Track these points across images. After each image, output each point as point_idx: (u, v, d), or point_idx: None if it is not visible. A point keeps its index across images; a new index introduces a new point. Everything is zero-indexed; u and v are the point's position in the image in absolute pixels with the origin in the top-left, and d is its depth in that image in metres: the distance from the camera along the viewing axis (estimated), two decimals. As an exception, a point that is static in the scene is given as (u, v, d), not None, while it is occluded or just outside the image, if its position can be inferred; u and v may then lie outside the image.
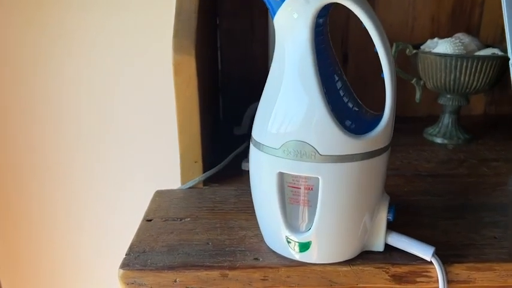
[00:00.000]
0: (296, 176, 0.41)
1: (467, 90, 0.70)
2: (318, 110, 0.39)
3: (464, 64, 0.67)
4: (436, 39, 0.73)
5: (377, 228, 0.45)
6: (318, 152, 0.39)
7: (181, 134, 0.58)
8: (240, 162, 0.66)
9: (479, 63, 0.66)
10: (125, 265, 0.45)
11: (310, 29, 0.39)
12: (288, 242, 0.44)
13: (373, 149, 0.41)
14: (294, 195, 0.42)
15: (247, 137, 0.74)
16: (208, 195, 0.58)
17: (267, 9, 0.41)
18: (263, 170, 0.43)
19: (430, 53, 0.69)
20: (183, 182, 0.60)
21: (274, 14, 0.40)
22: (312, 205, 0.42)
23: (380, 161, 0.42)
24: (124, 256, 0.46)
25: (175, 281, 0.44)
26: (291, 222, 0.43)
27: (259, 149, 0.43)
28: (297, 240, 0.43)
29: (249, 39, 0.84)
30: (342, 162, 0.40)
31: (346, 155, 0.39)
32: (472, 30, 0.84)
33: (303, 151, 0.40)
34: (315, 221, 0.42)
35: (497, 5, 0.82)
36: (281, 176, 0.42)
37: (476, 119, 0.87)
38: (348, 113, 0.41)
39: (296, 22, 0.39)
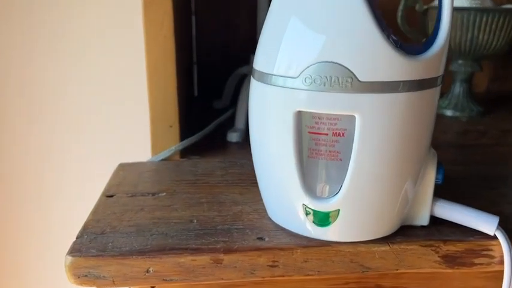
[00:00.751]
0: (321, 117, 0.30)
1: (485, 51, 0.61)
2: (359, 17, 0.27)
3: (484, 19, 0.57)
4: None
5: (423, 194, 0.33)
6: (357, 78, 0.28)
7: (151, 90, 0.45)
8: (224, 133, 0.54)
9: (502, 18, 0.57)
10: (76, 250, 0.32)
11: None
12: (307, 213, 0.32)
13: (430, 76, 0.29)
14: (316, 145, 0.30)
15: (231, 106, 0.62)
16: (188, 168, 0.46)
17: None
18: (273, 112, 0.31)
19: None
20: (154, 153, 0.47)
21: None
22: (342, 158, 0.30)
23: (436, 95, 0.31)
24: (74, 240, 0.33)
25: (147, 271, 0.31)
26: (310, 185, 0.31)
27: (267, 83, 0.31)
28: (319, 210, 0.31)
29: (230, 4, 0.73)
30: (390, 93, 0.28)
31: (396, 82, 0.28)
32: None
33: (334, 77, 0.28)
34: (345, 182, 0.30)
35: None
36: (299, 118, 0.30)
37: (480, 96, 0.79)
38: (388, 29, 0.30)
39: None
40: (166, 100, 0.46)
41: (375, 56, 0.28)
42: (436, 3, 0.64)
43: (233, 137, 0.53)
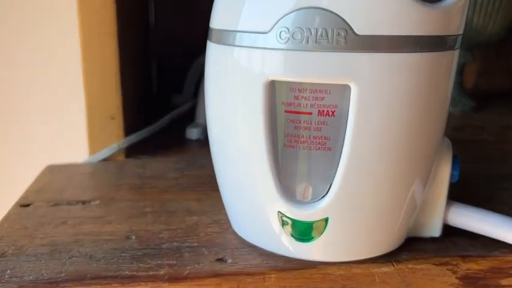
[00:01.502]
0: (302, 89, 0.21)
1: (479, 37, 0.54)
2: None
3: (480, 0, 0.51)
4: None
5: (435, 196, 0.25)
6: (353, 30, 0.20)
7: (87, 72, 0.36)
8: (183, 130, 0.45)
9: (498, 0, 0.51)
10: (-47, 283, 0.22)
11: None
12: (283, 224, 0.23)
13: (451, 33, 0.22)
14: (296, 129, 0.22)
15: (192, 99, 0.53)
16: (134, 169, 0.37)
17: None
18: (235, 84, 0.22)
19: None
20: (92, 152, 0.38)
21: None
22: (332, 147, 0.22)
23: (455, 62, 0.23)
24: (-41, 267, 0.24)
25: (60, 311, 0.22)
26: (288, 185, 0.23)
27: (227, 44, 0.22)
28: (299, 219, 0.23)
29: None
30: (400, 52, 0.20)
31: (408, 37, 0.20)
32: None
33: (320, 30, 0.20)
34: (335, 180, 0.22)
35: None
36: (271, 91, 0.21)
37: (469, 92, 0.73)
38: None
39: None
40: (105, 83, 0.36)
41: (381, 2, 0.19)
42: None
43: (193, 133, 0.44)
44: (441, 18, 0.21)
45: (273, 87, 0.21)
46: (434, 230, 0.26)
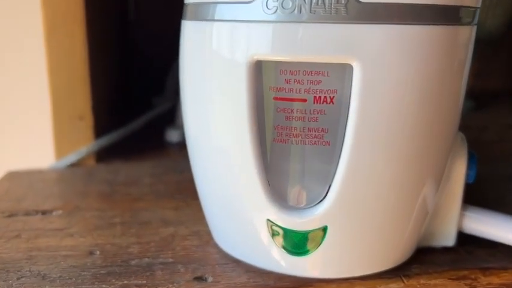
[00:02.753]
0: (294, 71, 0.18)
1: (478, 32, 0.51)
2: None
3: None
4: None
5: (449, 199, 0.22)
6: (354, -5, 0.16)
7: (52, 68, 0.32)
8: (161, 133, 0.41)
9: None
10: None
11: None
12: (273, 235, 0.20)
13: (470, 4, 0.18)
14: (287, 120, 0.18)
15: (172, 100, 0.49)
16: (104, 175, 0.33)
17: None
18: (215, 66, 0.19)
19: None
20: (59, 156, 0.34)
21: None
22: (331, 141, 0.18)
23: (472, 39, 0.20)
24: None
25: None
26: (278, 188, 0.19)
27: (205, 19, 0.19)
28: (292, 228, 0.19)
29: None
30: (412, 24, 0.17)
31: (423, 5, 0.17)
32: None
33: (316, -3, 0.16)
34: (335, 181, 0.18)
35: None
36: (258, 74, 0.18)
37: (466, 93, 0.70)
38: None
39: None
40: (72, 79, 0.33)
41: (386, -44, 0.16)
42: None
43: (173, 135, 0.40)
44: (459, -15, 0.17)
45: (259, 70, 0.18)
46: (448, 238, 0.23)
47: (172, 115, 0.42)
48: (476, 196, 0.29)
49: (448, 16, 0.17)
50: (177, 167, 0.34)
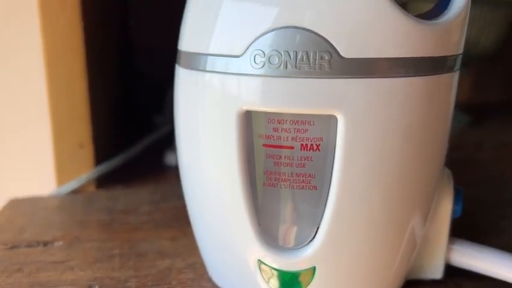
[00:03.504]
0: (282, 120, 0.18)
1: (471, 51, 0.52)
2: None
3: (471, 13, 0.48)
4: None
5: (435, 234, 0.23)
6: (338, 53, 0.17)
7: (53, 97, 0.33)
8: (160, 155, 0.42)
9: (490, 11, 0.49)
10: None
11: None
12: (264, 274, 0.20)
13: (449, 53, 0.19)
14: (276, 165, 0.19)
15: (171, 126, 0.50)
16: (104, 202, 0.33)
17: None
18: (207, 114, 0.19)
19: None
20: (60, 183, 0.35)
21: None
22: (318, 185, 0.19)
23: (455, 84, 0.20)
24: None
25: None
26: (268, 229, 0.20)
27: (197, 69, 0.19)
28: (282, 269, 0.20)
29: (173, 3, 0.62)
30: (391, 77, 0.17)
31: (401, 59, 0.17)
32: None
33: (301, 54, 0.17)
34: (323, 223, 0.19)
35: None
36: (248, 122, 0.19)
37: (463, 107, 0.70)
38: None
39: None
40: (73, 108, 0.33)
41: (368, 18, 0.17)
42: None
43: (172, 159, 0.41)
44: (439, 37, 0.18)
45: (248, 118, 0.19)
46: (436, 271, 0.23)
47: (171, 138, 0.43)
48: (469, 222, 0.30)
49: (432, 66, 0.18)
50: (175, 192, 0.35)
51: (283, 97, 0.18)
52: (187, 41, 0.20)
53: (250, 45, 0.18)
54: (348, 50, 0.17)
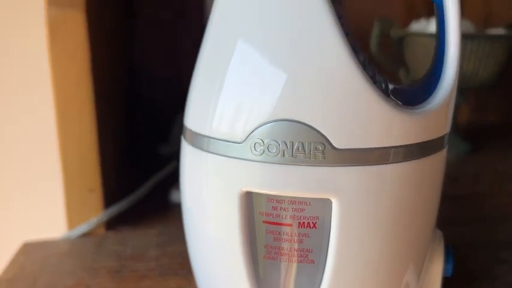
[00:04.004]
0: (281, 200, 0.20)
1: (469, 83, 0.53)
2: (331, 51, 0.18)
3: (469, 47, 0.50)
4: (423, 20, 0.56)
5: (428, 293, 0.24)
6: (331, 144, 0.18)
7: (63, 145, 0.35)
8: (166, 191, 0.43)
9: (488, 45, 0.50)
10: None
11: None
12: (265, 337, 0.22)
13: (436, 136, 0.20)
14: (275, 240, 0.20)
15: (177, 157, 0.51)
16: (113, 247, 0.35)
17: None
18: (210, 191, 0.21)
19: (424, 34, 0.52)
20: (70, 226, 0.36)
21: None
22: (315, 259, 0.20)
23: (442, 161, 0.22)
24: None
25: None
26: (269, 297, 0.21)
27: (201, 148, 0.21)
28: (282, 333, 0.21)
29: (176, 30, 0.63)
30: (381, 164, 0.19)
31: (389, 148, 0.19)
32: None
33: (297, 144, 0.18)
34: (320, 292, 0.20)
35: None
36: (248, 201, 0.20)
37: (463, 129, 0.71)
38: (373, 70, 0.21)
39: None
40: (83, 157, 0.35)
41: (358, 111, 0.18)
42: (416, 27, 0.56)
43: (177, 196, 0.42)
44: (427, 124, 0.19)
45: (250, 197, 0.20)
46: (428, 327, 0.24)
47: (176, 175, 0.45)
48: (463, 268, 0.31)
49: (420, 151, 0.19)
50: (181, 233, 0.36)
51: (281, 182, 0.19)
52: (192, 119, 0.22)
53: (250, 133, 0.19)
54: (340, 141, 0.18)
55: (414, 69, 0.54)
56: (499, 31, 0.54)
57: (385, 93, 0.19)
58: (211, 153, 0.20)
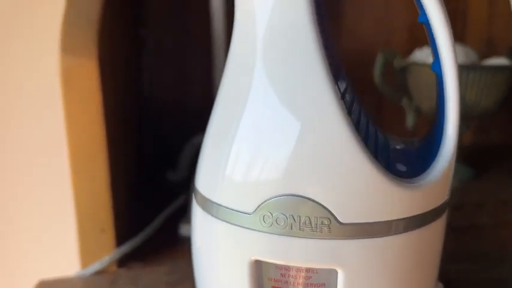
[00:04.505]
0: (289, 268, 0.21)
1: (472, 112, 0.54)
2: (335, 131, 0.19)
3: (471, 77, 0.51)
4: (426, 48, 0.57)
5: None
6: (336, 219, 0.19)
7: (77, 188, 0.36)
8: (176, 223, 0.44)
9: (490, 76, 0.51)
10: None
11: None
12: None
13: (436, 205, 0.21)
14: (283, 303, 0.22)
15: (185, 184, 0.52)
16: (126, 285, 0.36)
17: (207, 17, 0.22)
18: (221, 256, 0.22)
19: (427, 64, 0.53)
20: (84, 265, 0.37)
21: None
22: (320, 322, 0.21)
23: (443, 225, 0.22)
24: None
25: None
26: None
27: (211, 214, 0.22)
28: None
29: (184, 57, 0.65)
30: (384, 236, 0.20)
31: (392, 221, 0.20)
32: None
33: (304, 218, 0.19)
34: None
35: (482, 12, 0.69)
36: (258, 268, 0.21)
37: (467, 151, 0.72)
38: (376, 140, 0.22)
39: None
40: (95, 199, 0.36)
41: (362, 188, 0.19)
42: (419, 55, 0.57)
43: (186, 230, 0.43)
44: (425, 196, 0.20)
45: (259, 264, 0.21)
46: None
47: (185, 208, 0.46)
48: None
49: (421, 221, 0.20)
50: (190, 272, 0.37)
51: (289, 253, 0.20)
52: (202, 183, 0.23)
53: (259, 206, 0.20)
54: (345, 216, 0.19)
55: (417, 98, 0.55)
56: (502, 60, 0.55)
57: (389, 167, 0.20)
58: (221, 220, 0.21)
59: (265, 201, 0.20)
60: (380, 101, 0.65)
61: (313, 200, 0.19)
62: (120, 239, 0.38)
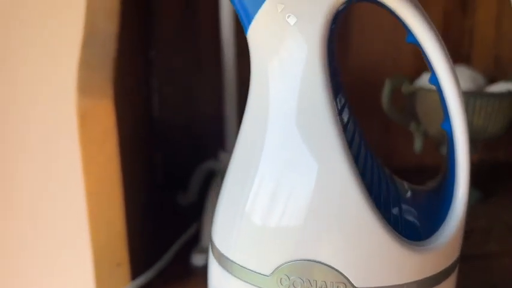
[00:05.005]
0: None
1: (479, 136, 0.54)
2: (350, 196, 0.20)
3: (478, 102, 0.51)
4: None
5: None
6: (351, 284, 0.20)
7: (93, 225, 0.37)
8: (188, 252, 0.45)
9: (497, 101, 0.51)
10: None
11: (321, 42, 0.20)
12: None
13: (447, 265, 0.22)
14: None
15: (196, 208, 0.53)
16: (140, 320, 0.37)
17: (216, 37, 0.23)
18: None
19: (434, 90, 0.53)
20: (99, 298, 0.38)
21: (250, 21, 0.21)
22: None
23: (454, 282, 0.23)
24: None
25: None
26: None
27: (228, 271, 0.23)
28: None
29: (195, 77, 0.65)
30: (398, 300, 0.20)
31: (407, 284, 0.20)
32: (460, 63, 0.70)
33: (320, 282, 0.20)
34: None
35: (490, 32, 0.70)
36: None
37: (474, 169, 0.72)
38: (387, 196, 0.22)
39: (294, 32, 0.20)
40: (111, 235, 0.37)
41: (376, 255, 0.20)
42: (426, 79, 0.57)
43: (198, 259, 0.44)
44: (436, 258, 0.21)
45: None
46: None
47: (196, 237, 0.47)
48: None
49: (434, 281, 0.21)
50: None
51: (306, 314, 0.21)
52: (219, 238, 0.24)
53: (277, 269, 0.21)
54: (359, 280, 0.20)
55: (425, 122, 0.56)
56: (510, 85, 0.55)
57: (399, 231, 0.20)
58: (237, 278, 0.22)
59: (282, 264, 0.21)
60: (387, 122, 0.66)
61: (329, 266, 0.20)
62: (135, 272, 0.39)
